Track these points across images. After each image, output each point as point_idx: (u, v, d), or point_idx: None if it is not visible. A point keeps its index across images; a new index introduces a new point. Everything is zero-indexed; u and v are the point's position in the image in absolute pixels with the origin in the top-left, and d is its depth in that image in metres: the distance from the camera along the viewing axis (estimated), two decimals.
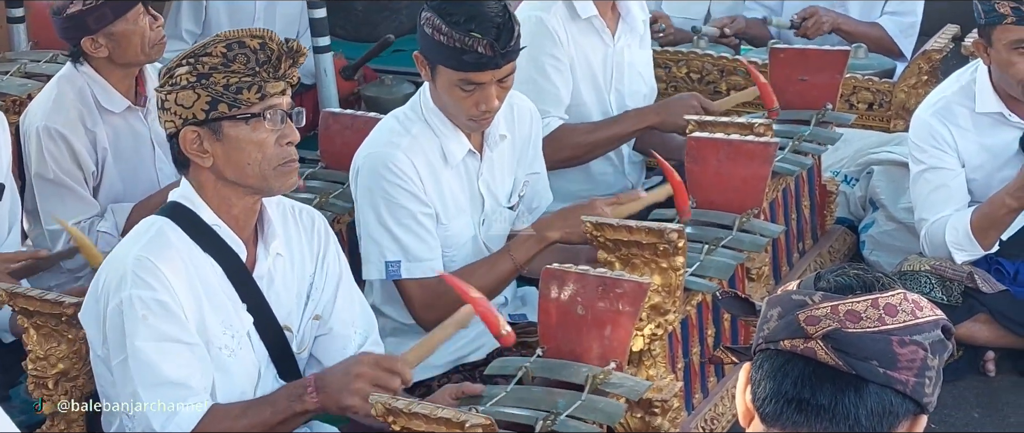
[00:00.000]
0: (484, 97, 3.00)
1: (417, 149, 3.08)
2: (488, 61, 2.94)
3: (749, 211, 3.21)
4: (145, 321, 2.45)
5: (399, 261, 3.07)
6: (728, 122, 3.43)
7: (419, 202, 3.07)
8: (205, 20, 5.14)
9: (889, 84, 4.49)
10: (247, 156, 2.49)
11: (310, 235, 2.72)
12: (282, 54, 2.48)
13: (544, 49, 3.73)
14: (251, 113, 2.47)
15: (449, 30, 2.93)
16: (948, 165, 3.53)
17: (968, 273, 3.48)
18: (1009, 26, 3.31)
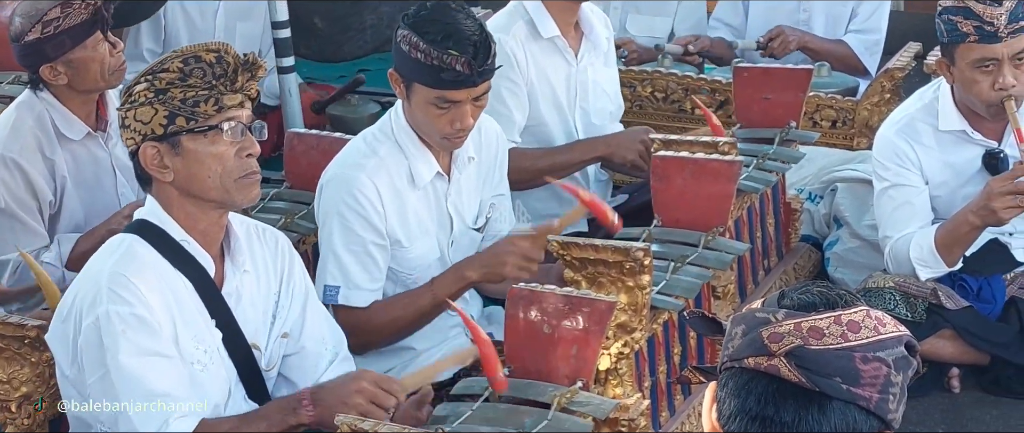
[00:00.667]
0: (459, 115, 3.00)
1: (383, 171, 3.08)
2: (465, 79, 2.94)
3: (714, 229, 3.21)
4: (125, 336, 2.44)
5: (338, 287, 3.08)
6: (693, 141, 3.44)
7: (374, 231, 3.07)
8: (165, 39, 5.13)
9: (852, 102, 4.51)
10: (207, 169, 2.49)
11: (274, 254, 2.72)
12: (239, 67, 2.48)
13: (500, 72, 3.72)
14: (209, 125, 2.47)
15: (426, 47, 2.93)
16: (912, 182, 3.55)
17: (932, 290, 3.50)
18: (971, 45, 3.33)
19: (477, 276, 3.13)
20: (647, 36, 5.02)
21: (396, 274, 3.17)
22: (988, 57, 3.32)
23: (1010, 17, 3.28)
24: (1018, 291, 3.61)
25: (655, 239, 3.19)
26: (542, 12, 3.80)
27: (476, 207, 3.30)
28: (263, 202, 3.59)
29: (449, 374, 3.17)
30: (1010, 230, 3.58)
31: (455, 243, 3.24)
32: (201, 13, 5.18)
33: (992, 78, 3.33)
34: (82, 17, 3.41)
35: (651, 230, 3.24)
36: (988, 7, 3.28)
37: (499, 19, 3.88)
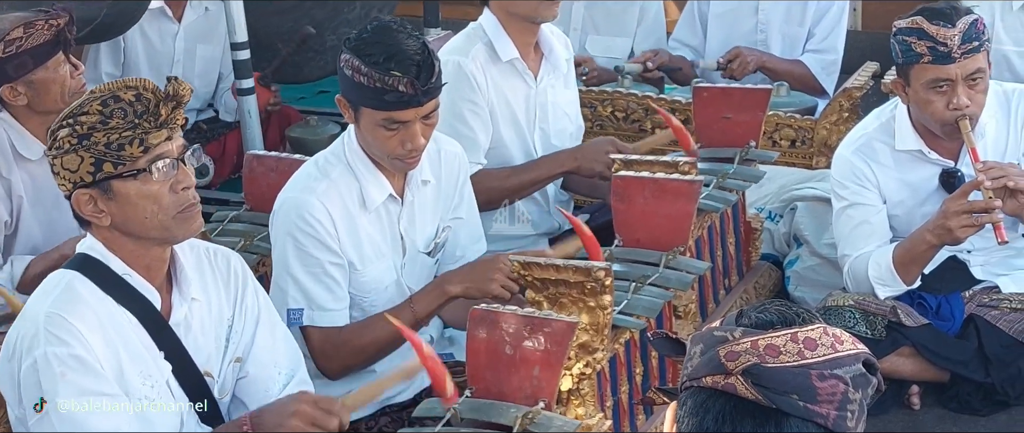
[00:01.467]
0: (409, 136, 2.99)
1: (334, 194, 3.06)
2: (410, 99, 2.93)
3: (675, 248, 3.22)
4: (64, 378, 2.39)
5: (301, 309, 3.06)
6: (653, 160, 3.45)
7: (329, 252, 3.06)
8: (124, 62, 5.11)
9: (811, 121, 4.54)
10: (143, 211, 2.45)
11: (227, 278, 2.68)
12: (160, 101, 2.42)
13: (462, 94, 3.74)
14: (137, 169, 2.42)
15: (369, 70, 2.92)
16: (870, 201, 3.57)
17: (891, 307, 3.52)
18: (926, 65, 3.36)
19: (459, 291, 3.12)
20: (607, 57, 5.05)
21: (352, 297, 3.15)
22: (942, 78, 3.35)
23: (963, 38, 3.31)
24: (976, 309, 3.63)
25: (616, 259, 3.19)
26: (501, 34, 3.81)
27: (431, 231, 3.29)
28: (222, 224, 3.57)
29: (397, 392, 3.16)
30: (968, 248, 3.61)
31: (407, 267, 3.23)
32: (160, 36, 5.16)
33: (946, 98, 3.36)
34: (45, 38, 3.39)
35: (612, 250, 3.24)
36: (942, 28, 3.31)
37: (458, 41, 3.88)
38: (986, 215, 3.30)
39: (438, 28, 5.47)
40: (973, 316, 3.61)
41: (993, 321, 3.58)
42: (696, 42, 5.20)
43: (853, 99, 4.48)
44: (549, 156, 3.90)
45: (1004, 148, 3.55)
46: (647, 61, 4.89)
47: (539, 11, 3.74)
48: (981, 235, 3.43)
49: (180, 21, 5.20)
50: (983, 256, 3.65)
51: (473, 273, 3.12)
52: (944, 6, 3.37)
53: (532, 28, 3.83)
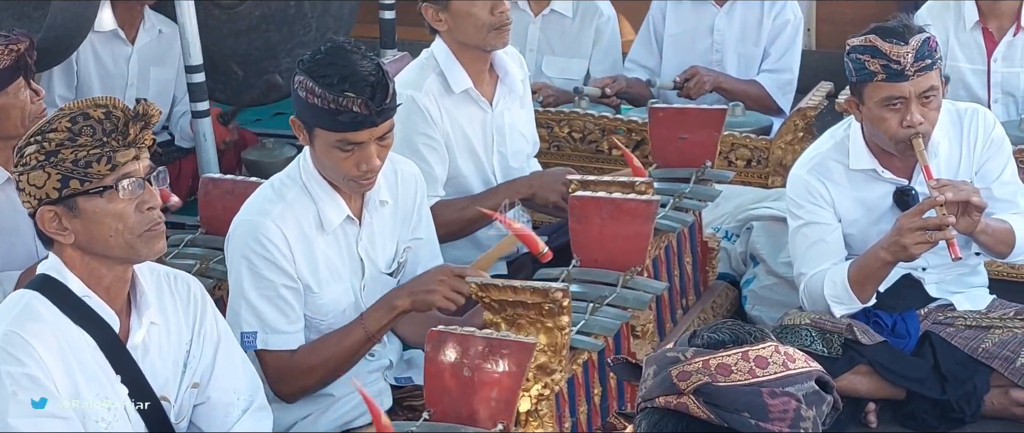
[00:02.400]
0: (364, 157, 2.98)
1: (289, 216, 3.05)
2: (364, 119, 2.92)
3: (632, 269, 3.23)
4: (16, 398, 2.38)
5: (255, 332, 3.05)
6: (610, 181, 3.46)
7: (284, 274, 3.04)
8: (77, 85, 5.08)
9: (766, 141, 4.57)
10: (107, 228, 2.44)
11: (186, 302, 2.67)
12: (129, 120, 2.42)
13: (416, 128, 3.73)
14: (104, 186, 2.42)
15: (322, 91, 2.91)
16: (825, 220, 3.59)
17: (847, 325, 3.53)
18: (880, 83, 3.38)
19: (406, 304, 3.12)
20: (563, 78, 5.06)
21: (309, 320, 3.14)
22: (896, 95, 3.37)
23: (916, 56, 3.33)
24: (932, 326, 3.65)
25: (574, 279, 3.20)
26: (453, 64, 3.79)
27: (391, 252, 3.28)
28: (178, 248, 3.55)
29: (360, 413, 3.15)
30: (923, 265, 3.63)
31: (367, 288, 3.22)
32: (113, 58, 5.13)
33: (900, 116, 3.38)
34: (5, 63, 3.37)
35: (570, 270, 3.24)
36: (895, 46, 3.34)
37: (410, 73, 3.86)
38: (940, 232, 3.32)
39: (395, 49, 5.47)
40: (928, 333, 3.64)
41: (948, 338, 3.60)
42: (652, 63, 5.22)
43: (808, 118, 4.51)
44: (505, 184, 3.90)
45: (957, 166, 3.58)
46: (606, 87, 4.91)
47: (489, 40, 3.74)
48: (935, 253, 3.45)
49: (133, 43, 5.17)
50: (938, 274, 3.67)
51: (417, 285, 3.13)
52: (897, 24, 3.39)
53: (484, 55, 3.82)
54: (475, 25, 3.70)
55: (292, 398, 3.13)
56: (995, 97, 4.74)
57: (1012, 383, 3.52)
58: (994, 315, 3.63)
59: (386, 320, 3.13)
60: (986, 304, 3.70)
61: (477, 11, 3.68)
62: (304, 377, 3.10)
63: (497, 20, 3.70)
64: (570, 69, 5.11)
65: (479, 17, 3.69)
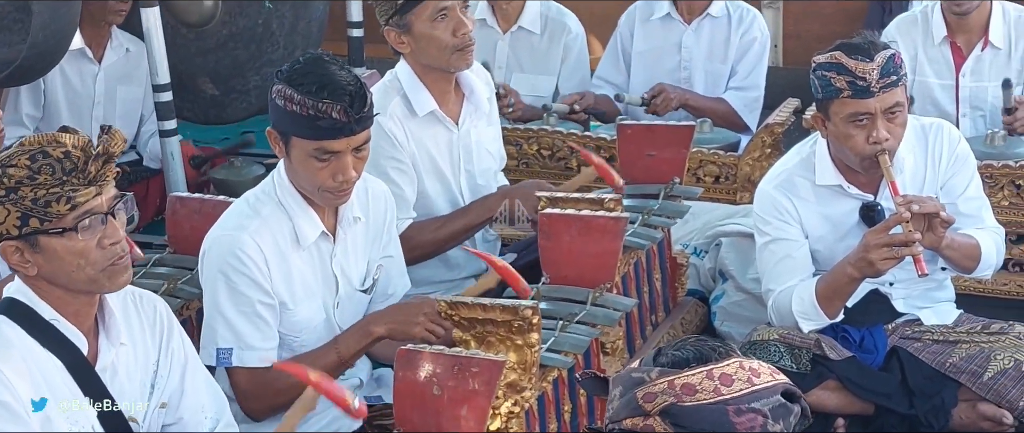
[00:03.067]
0: (341, 167, 2.99)
1: (266, 231, 3.05)
2: (343, 127, 2.93)
3: (602, 286, 3.23)
4: None
5: (231, 349, 3.03)
6: (579, 198, 3.46)
7: (261, 290, 3.03)
8: (45, 104, 5.05)
9: (734, 157, 4.59)
10: (69, 265, 2.43)
11: (153, 322, 2.66)
12: (90, 158, 2.40)
13: (383, 153, 3.71)
14: (63, 227, 2.40)
15: (301, 98, 2.91)
16: (792, 236, 3.60)
17: (815, 340, 3.54)
18: (846, 100, 3.39)
19: (384, 331, 3.11)
20: (532, 95, 5.07)
21: (282, 338, 3.13)
22: (862, 112, 3.39)
23: (882, 72, 3.35)
24: (899, 341, 3.66)
25: (543, 297, 3.19)
26: (417, 86, 3.77)
27: (364, 268, 3.28)
28: (146, 267, 3.53)
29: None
30: (890, 280, 3.65)
31: (341, 305, 3.21)
32: (81, 77, 5.12)
33: (866, 132, 3.40)
34: None
35: (539, 288, 3.24)
36: (860, 63, 3.35)
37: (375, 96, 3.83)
38: (906, 248, 3.34)
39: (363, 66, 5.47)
40: (896, 348, 3.65)
41: (916, 353, 3.61)
42: (620, 80, 5.24)
43: (775, 135, 4.54)
44: (479, 201, 3.89)
45: (922, 181, 3.60)
46: (574, 103, 4.92)
47: (452, 62, 3.72)
48: (902, 268, 3.47)
49: (101, 62, 5.16)
50: (905, 289, 3.69)
51: (399, 315, 3.12)
52: (861, 41, 3.41)
53: (448, 76, 3.80)
54: (438, 47, 3.68)
55: (261, 416, 3.12)
56: (963, 112, 4.77)
57: (979, 397, 3.53)
58: (961, 329, 3.65)
59: (361, 345, 3.13)
60: (953, 319, 3.71)
61: (439, 33, 3.67)
62: (277, 396, 3.08)
63: (460, 42, 3.68)
64: (538, 86, 5.12)
65: (441, 39, 3.67)
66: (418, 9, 3.65)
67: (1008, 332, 3.58)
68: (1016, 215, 4.27)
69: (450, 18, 3.66)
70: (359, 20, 5.53)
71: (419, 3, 3.64)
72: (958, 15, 4.66)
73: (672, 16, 5.14)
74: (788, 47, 7.14)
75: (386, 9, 3.69)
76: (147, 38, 4.47)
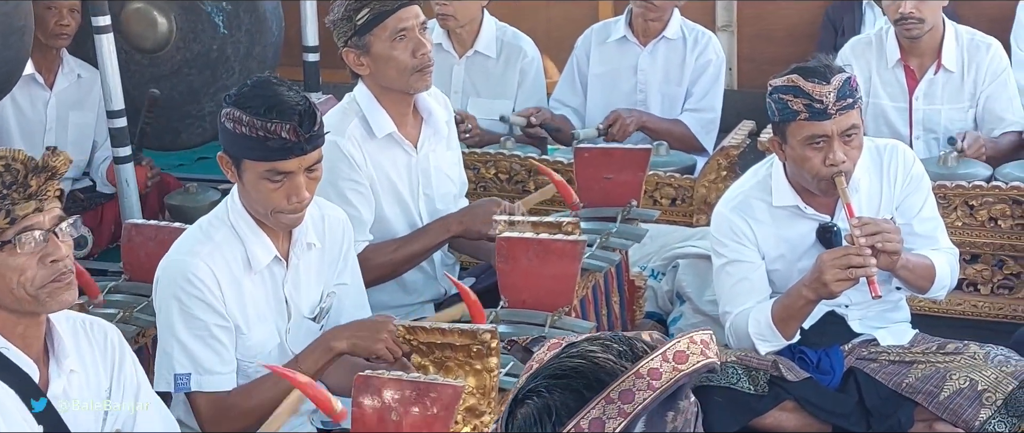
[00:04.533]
0: (293, 188, 2.98)
1: (218, 256, 3.03)
2: (293, 146, 2.92)
3: (560, 309, 3.23)
4: None
5: (189, 374, 3.01)
6: (537, 221, 3.46)
7: (215, 314, 3.01)
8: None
9: (690, 180, 4.60)
10: (9, 281, 2.40)
11: (104, 349, 2.64)
12: (29, 172, 2.38)
13: (341, 174, 3.70)
14: (2, 241, 2.37)
15: (251, 120, 2.90)
16: (748, 258, 3.61)
17: (772, 362, 3.56)
18: (802, 122, 3.41)
19: (345, 347, 3.09)
20: (489, 118, 5.07)
21: (237, 362, 3.10)
22: (818, 134, 3.41)
23: (838, 95, 3.38)
24: (856, 362, 3.68)
25: (502, 320, 3.19)
26: (376, 108, 3.76)
27: (316, 296, 3.26)
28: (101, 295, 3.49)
29: None
30: (846, 302, 3.66)
31: (292, 332, 3.19)
32: (32, 103, 5.08)
33: (823, 154, 3.42)
34: None
35: (498, 311, 3.24)
36: (817, 85, 3.38)
37: (333, 118, 3.83)
38: (860, 269, 3.36)
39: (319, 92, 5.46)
40: (853, 369, 3.67)
41: (872, 374, 3.63)
42: (576, 103, 5.25)
43: (731, 157, 4.56)
44: (436, 222, 3.88)
45: (878, 203, 3.63)
46: (531, 116, 4.93)
47: (411, 83, 3.72)
48: (858, 289, 3.49)
49: (52, 88, 5.12)
50: (861, 310, 3.71)
51: (360, 330, 3.10)
52: (817, 64, 3.43)
53: (407, 98, 3.79)
54: (397, 68, 3.68)
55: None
56: (917, 134, 4.82)
57: (936, 417, 3.55)
58: (917, 350, 3.67)
59: (322, 362, 3.10)
60: (909, 339, 3.74)
61: (398, 54, 3.67)
62: (239, 420, 3.06)
63: (419, 62, 3.68)
64: (495, 109, 5.12)
65: (401, 60, 3.67)
66: (377, 30, 3.64)
67: (963, 352, 3.61)
68: (969, 235, 4.31)
69: (409, 39, 3.66)
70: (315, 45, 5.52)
71: (378, 24, 3.64)
72: (910, 39, 4.70)
73: (627, 39, 5.16)
74: (742, 70, 7.19)
75: (345, 30, 3.68)
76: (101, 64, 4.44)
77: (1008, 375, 3.47)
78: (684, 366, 1.46)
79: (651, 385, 1.43)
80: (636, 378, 1.43)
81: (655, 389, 1.42)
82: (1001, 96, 4.75)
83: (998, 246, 4.32)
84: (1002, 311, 4.35)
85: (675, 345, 1.46)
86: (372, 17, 3.64)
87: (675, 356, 1.45)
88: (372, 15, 3.64)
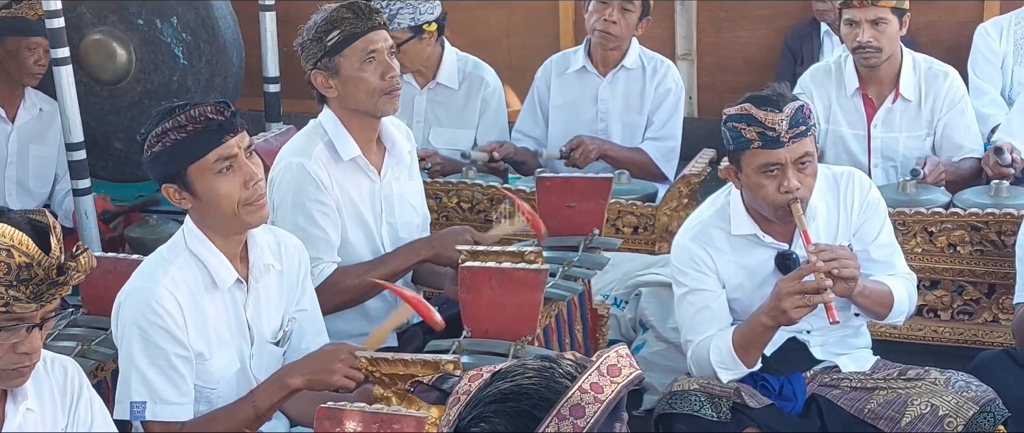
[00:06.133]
0: (245, 172, 3.01)
1: (180, 282, 3.02)
2: (225, 124, 2.96)
3: (523, 338, 3.22)
4: None
5: (144, 402, 2.99)
6: (500, 251, 3.47)
7: (177, 343, 3.00)
8: None
9: (652, 208, 4.62)
10: None
11: (62, 386, 2.62)
12: (45, 280, 2.36)
13: (309, 195, 3.70)
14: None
15: (175, 120, 2.95)
16: (709, 287, 3.62)
17: (735, 389, 3.56)
18: (756, 151, 3.43)
19: (301, 383, 3.07)
20: (450, 149, 5.08)
21: (198, 389, 3.09)
22: (772, 162, 3.43)
23: (791, 123, 3.40)
24: (818, 388, 3.70)
25: (465, 350, 3.18)
26: (341, 132, 3.77)
27: (277, 320, 3.25)
28: (58, 329, 3.47)
29: None
30: (807, 328, 3.68)
31: (255, 357, 3.18)
32: None
33: (777, 182, 3.44)
34: None
35: (461, 341, 3.23)
36: (770, 114, 3.40)
37: (299, 142, 3.84)
38: (818, 296, 3.38)
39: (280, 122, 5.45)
40: (815, 396, 3.68)
41: (834, 400, 3.65)
42: (538, 132, 5.27)
43: (692, 185, 4.58)
44: (405, 246, 3.88)
45: (836, 229, 3.65)
46: (493, 151, 4.93)
47: (379, 106, 3.73)
48: (818, 316, 3.50)
49: (14, 122, 5.10)
50: (822, 336, 3.72)
51: (315, 364, 3.08)
52: (771, 93, 3.46)
53: (373, 123, 3.81)
54: (367, 90, 3.69)
55: None
56: (875, 162, 4.85)
57: None
58: (878, 376, 3.69)
59: (277, 398, 3.09)
60: (870, 365, 3.76)
61: (368, 76, 3.68)
62: None
63: (388, 85, 3.70)
64: (457, 140, 5.13)
65: (370, 82, 3.69)
66: (347, 51, 3.67)
67: (924, 377, 3.63)
68: (929, 262, 4.34)
69: (378, 61, 3.69)
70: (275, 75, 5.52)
71: (348, 45, 3.66)
72: (868, 67, 4.75)
73: (587, 69, 5.18)
74: (702, 98, 7.23)
75: (315, 52, 3.69)
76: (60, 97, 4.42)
77: (969, 400, 3.49)
78: (619, 379, 1.50)
79: (597, 399, 1.46)
80: (581, 393, 1.46)
81: (601, 402, 1.46)
82: (959, 124, 4.80)
83: (957, 272, 4.35)
84: (962, 337, 4.38)
85: (605, 360, 1.51)
86: (343, 39, 3.67)
87: (609, 370, 1.50)
88: (343, 36, 3.67)
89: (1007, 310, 4.27)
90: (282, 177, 3.71)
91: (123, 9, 5.59)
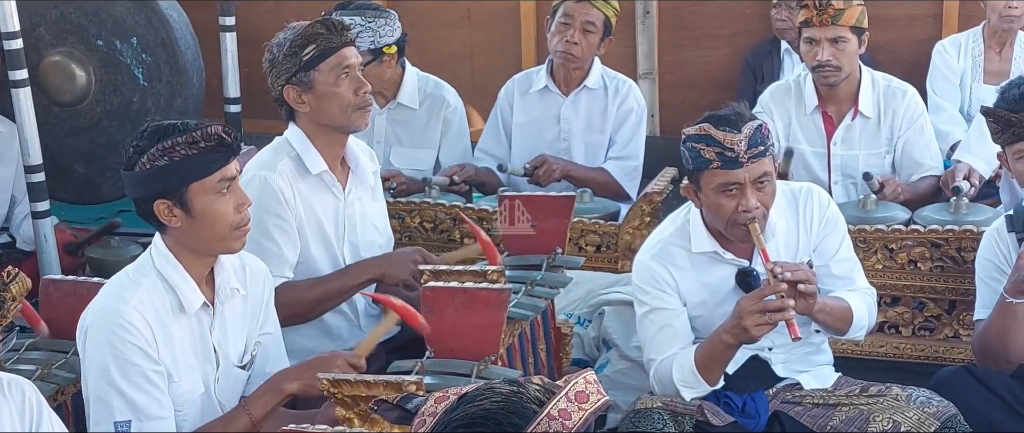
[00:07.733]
0: (240, 196, 3.05)
1: (148, 303, 3.01)
2: (231, 146, 3.01)
3: (487, 358, 3.21)
4: None
5: (129, 420, 2.97)
6: (462, 270, 3.46)
7: (150, 359, 2.98)
8: None
9: (614, 226, 4.62)
10: None
11: (21, 408, 2.60)
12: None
13: (268, 209, 3.70)
14: None
15: (185, 140, 2.96)
16: (670, 305, 3.63)
17: (698, 407, 3.57)
18: (715, 171, 3.45)
19: (296, 388, 3.09)
20: (412, 168, 5.07)
21: None
22: (731, 182, 3.45)
23: (749, 143, 3.42)
24: (780, 405, 3.71)
25: (428, 371, 3.17)
26: (308, 147, 3.79)
27: (242, 344, 3.23)
28: (18, 353, 3.43)
29: None
30: (769, 345, 3.69)
31: (221, 381, 3.16)
32: None
33: (736, 201, 3.46)
34: None
35: (424, 362, 3.22)
36: (728, 134, 3.42)
37: (264, 156, 3.85)
38: (779, 313, 3.39)
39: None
40: (777, 413, 3.69)
41: (797, 417, 3.66)
42: (501, 152, 5.27)
43: (654, 203, 4.59)
44: (354, 265, 3.88)
45: (796, 245, 3.67)
46: (454, 175, 4.93)
47: (352, 121, 3.76)
48: (780, 333, 3.52)
49: None
50: (784, 354, 3.74)
51: (310, 371, 3.08)
52: (729, 113, 3.48)
53: (341, 139, 3.83)
54: (340, 105, 3.72)
55: None
56: (835, 179, 4.89)
57: None
58: (840, 392, 3.70)
59: (272, 404, 3.10)
60: (832, 382, 3.77)
61: (342, 91, 3.71)
62: None
63: (360, 100, 3.74)
64: (418, 159, 5.13)
65: (343, 97, 3.72)
66: (322, 66, 3.70)
67: (886, 394, 3.64)
68: (890, 278, 4.36)
69: (351, 77, 3.73)
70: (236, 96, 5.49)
71: (323, 60, 3.69)
72: (828, 85, 4.78)
73: (550, 89, 5.19)
74: (664, 117, 7.26)
75: (289, 67, 3.71)
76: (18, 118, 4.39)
77: (930, 416, 3.50)
78: (587, 405, 1.50)
79: (565, 425, 1.45)
80: (549, 420, 1.45)
81: (569, 429, 1.45)
82: (918, 141, 4.84)
83: (918, 288, 4.38)
84: (923, 353, 4.40)
85: (574, 386, 1.51)
86: (318, 54, 3.70)
87: (577, 396, 1.50)
88: (318, 51, 3.70)
89: (967, 326, 4.30)
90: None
91: (82, 30, 5.55)
